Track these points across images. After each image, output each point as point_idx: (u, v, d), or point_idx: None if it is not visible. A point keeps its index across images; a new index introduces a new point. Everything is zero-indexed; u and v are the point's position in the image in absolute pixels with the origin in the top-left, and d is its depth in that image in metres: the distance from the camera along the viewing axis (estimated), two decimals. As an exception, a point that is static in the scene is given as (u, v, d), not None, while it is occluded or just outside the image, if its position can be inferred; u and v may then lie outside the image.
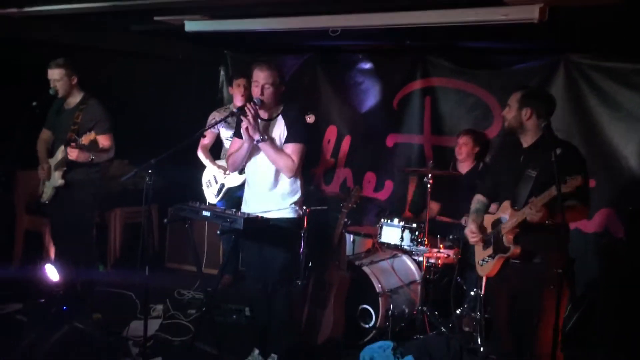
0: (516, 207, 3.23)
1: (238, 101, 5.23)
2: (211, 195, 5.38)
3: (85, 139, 4.23)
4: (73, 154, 4.34)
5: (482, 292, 4.25)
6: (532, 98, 3.26)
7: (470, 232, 3.48)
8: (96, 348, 3.67)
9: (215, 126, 5.17)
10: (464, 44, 5.42)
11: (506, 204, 3.31)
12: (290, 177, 3.76)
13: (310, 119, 5.12)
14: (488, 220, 3.50)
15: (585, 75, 4.96)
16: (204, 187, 5.45)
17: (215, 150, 5.48)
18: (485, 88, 5.50)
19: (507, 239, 3.23)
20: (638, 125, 4.73)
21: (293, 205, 3.83)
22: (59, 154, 4.48)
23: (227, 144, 5.31)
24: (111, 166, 5.91)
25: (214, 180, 5.37)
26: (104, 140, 4.48)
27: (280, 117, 3.79)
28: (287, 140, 3.73)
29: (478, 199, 3.66)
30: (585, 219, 4.19)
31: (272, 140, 3.72)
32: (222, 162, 5.29)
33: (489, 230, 3.45)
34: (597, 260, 4.82)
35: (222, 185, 5.27)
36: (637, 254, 4.53)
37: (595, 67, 4.91)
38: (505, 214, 3.29)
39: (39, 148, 4.71)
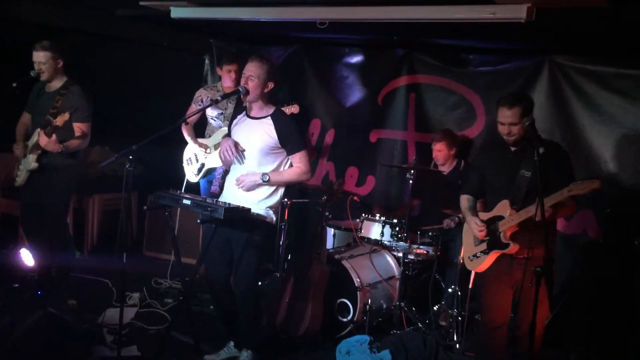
0: (514, 206, 3.36)
1: (227, 83, 5.19)
2: (191, 174, 5.27)
3: (59, 120, 4.15)
4: (43, 140, 4.27)
5: (470, 286, 4.26)
6: (529, 107, 3.38)
7: (477, 225, 3.54)
8: (70, 334, 3.62)
9: (201, 103, 5.09)
10: (450, 42, 5.43)
11: (504, 202, 3.42)
12: (308, 179, 3.90)
13: (294, 108, 5.10)
14: (481, 218, 3.59)
15: (568, 78, 5.00)
16: (185, 165, 5.33)
17: (200, 129, 5.36)
18: (470, 87, 5.52)
19: (506, 236, 3.37)
20: (619, 129, 4.78)
21: (267, 209, 3.79)
22: (35, 137, 4.40)
23: (212, 122, 5.25)
24: (91, 152, 5.85)
25: (194, 158, 5.25)
26: (81, 128, 4.40)
27: (269, 118, 3.75)
28: (291, 152, 3.76)
29: (468, 198, 3.76)
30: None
31: (273, 174, 3.74)
32: (204, 141, 5.20)
33: None
34: (574, 261, 4.87)
35: (202, 165, 5.16)
36: (614, 256, 4.59)
37: (579, 69, 4.95)
38: (504, 213, 3.41)
39: (17, 130, 4.64)
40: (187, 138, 5.23)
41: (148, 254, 6.24)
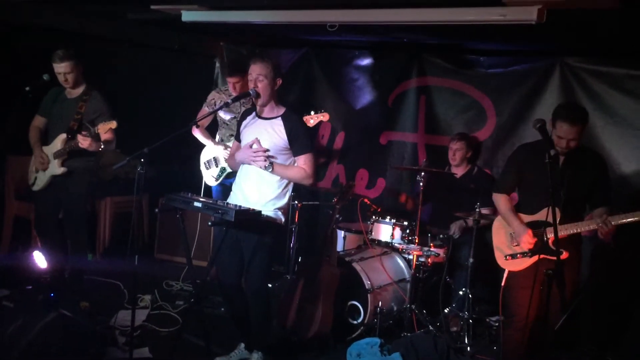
0: (563, 214, 3.35)
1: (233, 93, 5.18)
2: (210, 178, 5.22)
3: (101, 128, 4.25)
4: (85, 142, 4.32)
5: (503, 284, 4.23)
6: (587, 121, 3.46)
7: (529, 238, 3.52)
8: (83, 336, 3.65)
9: (214, 107, 5.06)
10: (460, 44, 5.42)
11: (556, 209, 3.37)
12: (310, 184, 3.82)
13: (324, 116, 5.11)
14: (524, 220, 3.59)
15: (580, 79, 4.98)
16: (202, 168, 5.29)
17: (212, 133, 5.34)
18: (480, 89, 5.51)
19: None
20: (631, 131, 4.75)
21: (276, 210, 3.80)
22: (59, 143, 4.45)
23: (224, 127, 5.23)
24: (103, 155, 5.88)
25: (214, 162, 5.21)
26: (107, 132, 4.46)
27: (279, 119, 3.75)
28: (297, 153, 3.75)
29: (506, 198, 3.75)
30: None
31: (277, 165, 3.72)
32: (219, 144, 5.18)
33: None
34: (586, 263, 4.84)
35: (223, 170, 5.09)
36: (626, 258, 4.56)
37: (591, 71, 4.93)
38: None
39: (31, 135, 4.68)
40: (205, 140, 5.20)
41: (159, 256, 6.26)
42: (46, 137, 4.63)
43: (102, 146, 4.42)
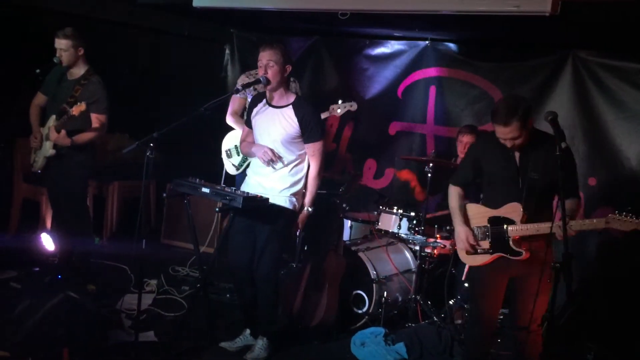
0: (526, 211, 3.20)
1: None
2: (231, 166, 5.14)
3: (75, 110, 4.17)
4: (53, 136, 4.30)
5: (464, 277, 4.25)
6: (527, 113, 3.15)
7: (467, 240, 3.36)
8: (89, 318, 3.67)
9: (245, 91, 4.85)
10: (472, 35, 5.38)
11: (516, 206, 3.24)
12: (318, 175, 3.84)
13: (352, 107, 5.03)
14: (481, 212, 3.41)
15: (592, 73, 4.94)
16: (224, 156, 5.19)
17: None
18: (491, 81, 5.47)
19: (518, 243, 3.24)
20: (642, 126, 4.72)
21: (291, 197, 3.80)
22: (50, 123, 4.43)
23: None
24: (111, 139, 5.90)
25: (235, 150, 5.10)
26: (99, 119, 4.43)
27: (290, 107, 3.75)
28: (307, 141, 3.76)
29: (459, 193, 3.53)
30: None
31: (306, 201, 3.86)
32: None
33: (480, 223, 3.39)
34: (595, 258, 4.82)
35: (245, 159, 4.94)
36: (635, 254, 4.54)
37: (603, 65, 4.88)
38: (514, 217, 3.24)
39: (31, 112, 4.66)
40: (236, 126, 5.03)
41: (166, 241, 6.28)
42: (45, 116, 4.60)
43: (70, 142, 4.32)
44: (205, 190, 3.67)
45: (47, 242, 4.97)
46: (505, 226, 3.28)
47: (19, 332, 3.41)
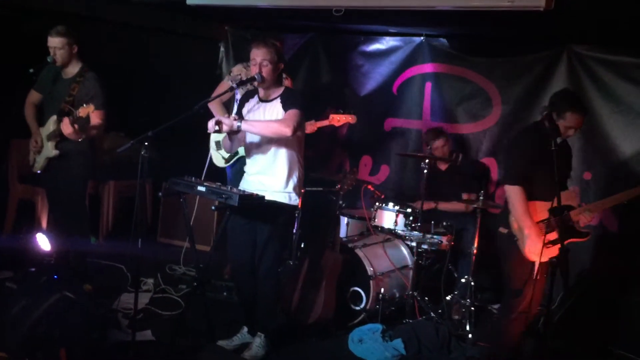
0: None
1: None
2: (219, 159, 5.09)
3: (82, 111, 4.16)
4: (67, 129, 4.28)
5: (538, 276, 4.16)
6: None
7: (538, 248, 3.30)
8: (86, 318, 3.65)
9: (235, 85, 4.75)
10: (467, 31, 5.37)
11: (571, 192, 3.51)
12: (288, 135, 3.56)
13: (351, 118, 5.12)
14: (538, 207, 3.42)
15: (587, 67, 4.95)
16: (212, 148, 5.13)
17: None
18: (486, 76, 5.48)
19: (585, 223, 3.45)
20: (637, 120, 4.72)
21: (289, 192, 3.79)
22: (51, 125, 4.41)
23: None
24: (107, 138, 5.87)
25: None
26: (98, 115, 4.42)
27: (278, 100, 3.75)
28: (285, 109, 3.66)
29: (523, 192, 3.40)
30: None
31: (246, 122, 3.62)
32: None
33: (542, 217, 3.41)
34: (590, 252, 4.83)
35: (236, 152, 4.83)
36: (630, 248, 4.55)
37: (598, 59, 4.90)
38: (572, 202, 3.44)
39: (27, 111, 4.62)
40: (218, 114, 4.76)
41: (162, 240, 6.27)
42: (42, 115, 4.57)
43: (82, 137, 4.32)
44: (201, 188, 3.66)
45: (43, 242, 4.94)
46: (566, 212, 3.39)
47: (15, 332, 3.40)
